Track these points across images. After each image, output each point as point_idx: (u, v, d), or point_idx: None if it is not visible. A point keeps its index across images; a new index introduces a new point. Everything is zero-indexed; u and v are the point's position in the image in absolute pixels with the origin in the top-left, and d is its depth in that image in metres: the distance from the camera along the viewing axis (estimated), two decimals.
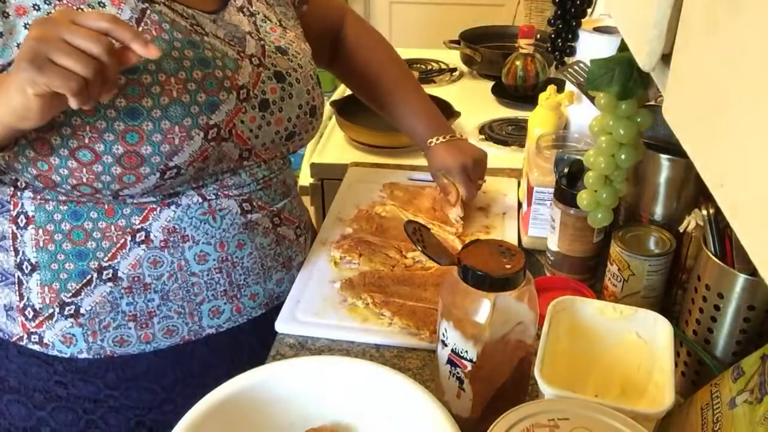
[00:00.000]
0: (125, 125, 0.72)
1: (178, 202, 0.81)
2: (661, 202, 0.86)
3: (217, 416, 0.64)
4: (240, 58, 0.81)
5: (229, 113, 0.79)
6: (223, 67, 0.79)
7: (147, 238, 0.80)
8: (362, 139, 1.43)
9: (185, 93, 0.75)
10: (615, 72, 0.74)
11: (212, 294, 0.84)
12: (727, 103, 0.30)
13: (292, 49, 0.90)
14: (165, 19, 0.76)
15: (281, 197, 0.90)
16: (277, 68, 0.85)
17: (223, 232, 0.83)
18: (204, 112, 0.76)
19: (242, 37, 0.84)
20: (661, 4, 0.38)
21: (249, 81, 0.81)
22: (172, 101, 0.74)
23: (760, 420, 0.54)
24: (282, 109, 0.85)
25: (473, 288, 0.63)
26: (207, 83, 0.77)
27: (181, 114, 0.75)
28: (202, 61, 0.77)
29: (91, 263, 0.79)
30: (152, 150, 0.74)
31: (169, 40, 0.76)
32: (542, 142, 1.02)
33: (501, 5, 2.85)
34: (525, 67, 1.61)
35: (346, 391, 0.68)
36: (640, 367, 0.69)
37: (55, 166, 0.73)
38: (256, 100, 0.82)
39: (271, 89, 0.84)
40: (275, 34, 0.90)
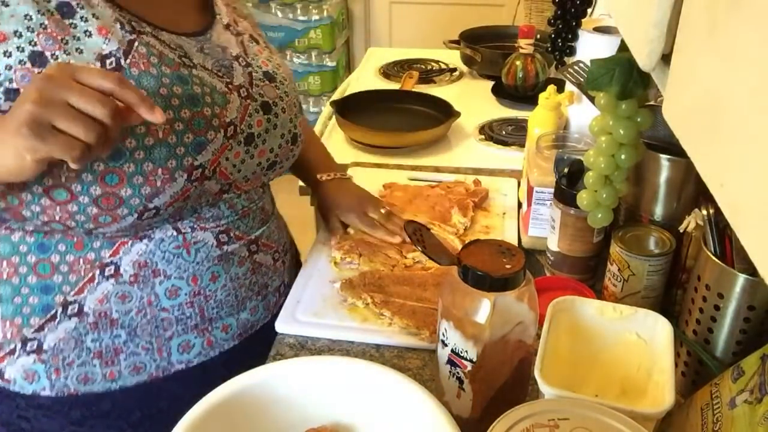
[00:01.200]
0: (105, 166, 0.68)
1: (152, 236, 0.77)
2: (661, 202, 0.86)
3: (217, 416, 0.64)
4: (228, 91, 0.78)
5: (215, 152, 0.76)
6: (211, 103, 0.76)
7: (116, 272, 0.76)
8: (362, 139, 1.42)
9: (172, 133, 0.71)
10: (615, 72, 0.74)
11: (182, 328, 0.81)
12: (727, 103, 0.30)
13: (280, 75, 0.87)
14: (153, 52, 0.72)
15: (260, 224, 0.87)
16: (264, 98, 0.83)
17: (196, 266, 0.80)
18: (190, 153, 0.73)
19: (230, 65, 0.81)
20: (661, 4, 0.38)
21: (237, 116, 0.78)
22: (157, 142, 0.70)
23: (760, 420, 0.54)
24: (266, 140, 0.83)
25: (473, 288, 0.63)
26: (195, 123, 0.73)
27: (166, 155, 0.71)
28: (190, 98, 0.73)
29: (57, 297, 0.76)
30: (132, 192, 0.70)
31: (157, 76, 0.72)
32: (542, 142, 1.02)
33: (501, 5, 2.85)
34: (525, 67, 1.61)
35: (346, 391, 0.68)
36: (640, 367, 0.69)
37: (26, 201, 0.70)
38: (243, 135, 0.79)
39: (257, 122, 0.81)
40: (262, 56, 0.87)
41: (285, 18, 2.88)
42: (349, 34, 3.20)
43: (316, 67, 2.96)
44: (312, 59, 2.94)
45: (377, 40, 3.17)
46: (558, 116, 1.11)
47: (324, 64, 2.96)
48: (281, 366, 0.70)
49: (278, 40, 2.93)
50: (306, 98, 3.03)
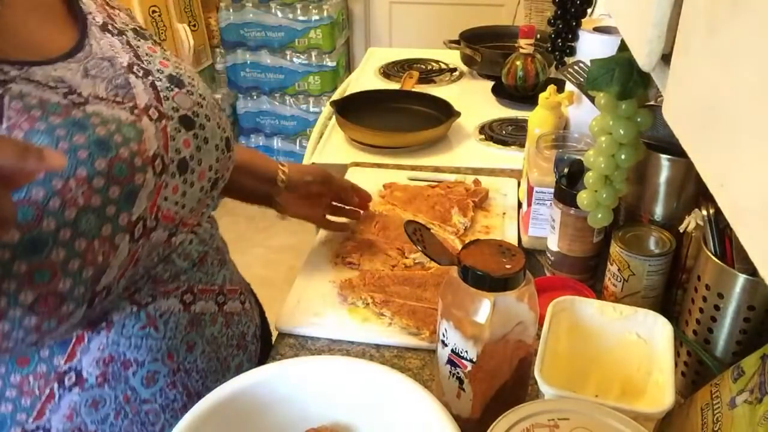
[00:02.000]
0: (27, 264, 0.55)
1: (110, 321, 0.65)
2: (661, 202, 0.86)
3: (217, 416, 0.64)
4: (136, 118, 0.63)
5: (150, 196, 0.63)
6: (124, 141, 0.61)
7: (79, 378, 0.64)
8: (362, 139, 1.42)
9: (93, 194, 0.58)
10: (615, 72, 0.74)
11: (171, 415, 0.71)
12: (727, 103, 0.30)
13: (185, 75, 0.73)
14: (31, 103, 0.57)
15: (219, 267, 0.78)
16: (179, 112, 0.68)
17: (168, 341, 0.70)
18: (122, 208, 0.60)
19: (125, 82, 0.66)
20: (661, 4, 0.38)
21: (158, 145, 0.64)
22: (81, 211, 0.57)
23: (760, 420, 0.54)
24: (201, 160, 0.70)
25: (473, 288, 0.63)
26: (115, 171, 0.59)
27: (96, 223, 0.58)
28: (98, 144, 0.59)
29: (12, 430, 0.63)
30: (72, 282, 0.58)
31: (48, 130, 0.56)
32: (542, 142, 1.02)
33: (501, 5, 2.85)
34: (525, 67, 1.61)
35: (346, 391, 0.68)
36: (640, 367, 0.69)
37: None
38: (174, 165, 0.66)
39: (184, 143, 0.67)
40: (157, 55, 0.72)
41: (285, 18, 2.88)
42: (349, 34, 3.20)
43: (316, 67, 2.96)
44: (312, 59, 2.95)
45: (377, 40, 3.17)
46: (558, 116, 1.11)
47: (324, 64, 2.96)
48: (281, 366, 0.70)
49: (278, 40, 2.93)
50: (306, 98, 3.03)
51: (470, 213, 1.09)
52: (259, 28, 2.91)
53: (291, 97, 3.04)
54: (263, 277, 2.63)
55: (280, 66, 2.98)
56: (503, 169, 1.29)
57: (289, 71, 2.98)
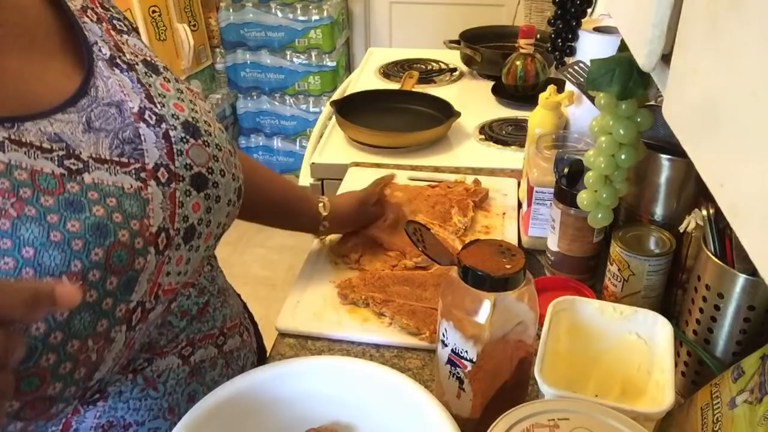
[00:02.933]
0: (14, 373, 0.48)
1: (106, 394, 0.61)
2: (661, 202, 0.86)
3: (217, 416, 0.64)
4: (142, 184, 0.56)
5: (150, 278, 0.57)
6: (125, 220, 0.54)
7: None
8: (362, 139, 1.42)
9: (89, 289, 0.52)
10: (615, 72, 0.74)
11: None
12: (727, 102, 0.30)
13: (201, 120, 0.65)
14: (21, 179, 0.50)
15: (219, 310, 0.72)
16: (193, 170, 0.61)
17: (169, 397, 0.66)
18: (120, 298, 0.54)
19: (134, 134, 0.58)
20: (661, 4, 0.38)
21: (164, 216, 0.57)
22: (74, 311, 0.51)
23: (760, 420, 0.54)
24: (210, 222, 0.64)
25: (473, 288, 0.63)
26: (114, 260, 0.53)
27: (92, 320, 0.53)
28: (95, 230, 0.52)
29: None
30: (63, 385, 0.54)
31: (38, 217, 0.49)
32: (542, 142, 1.02)
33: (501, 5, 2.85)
34: (525, 67, 1.61)
35: (346, 391, 0.68)
36: (640, 367, 0.69)
37: None
38: (180, 236, 0.59)
39: (193, 207, 0.61)
40: (170, 95, 0.64)
41: (285, 18, 2.88)
42: (349, 34, 3.20)
43: (316, 67, 2.96)
44: (312, 59, 2.94)
45: (377, 40, 3.17)
46: (558, 116, 1.11)
47: (324, 64, 2.96)
48: (281, 366, 0.70)
49: (278, 40, 2.93)
50: (306, 98, 3.03)
51: (470, 213, 1.09)
52: (259, 28, 2.91)
53: (291, 97, 3.03)
54: (263, 277, 2.64)
55: (280, 66, 2.98)
56: (503, 169, 1.29)
57: (289, 71, 2.98)
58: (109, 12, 0.67)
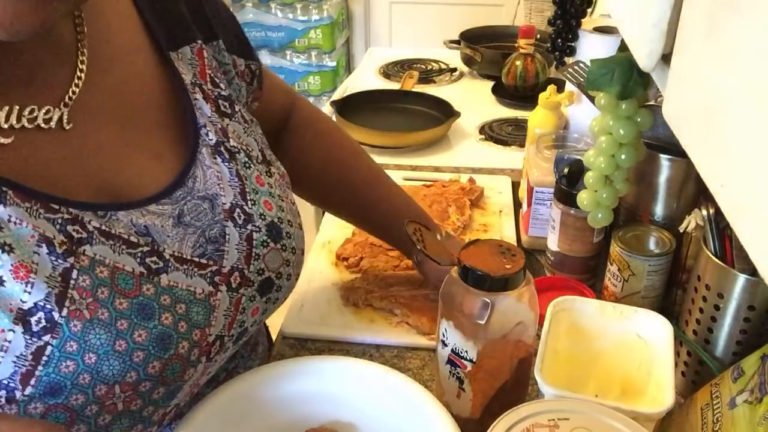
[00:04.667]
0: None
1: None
2: (661, 202, 0.86)
3: (217, 416, 0.64)
4: (213, 291, 0.55)
5: (194, 385, 0.57)
6: (188, 331, 0.53)
7: None
8: (362, 139, 1.42)
9: (136, 398, 0.51)
10: (615, 72, 0.74)
11: None
12: (728, 103, 0.30)
13: (285, 220, 0.62)
14: (101, 276, 0.48)
15: (246, 357, 0.72)
16: (263, 275, 0.60)
17: None
18: (161, 405, 0.54)
19: (220, 234, 0.56)
20: (661, 4, 0.38)
21: (225, 324, 0.56)
22: (116, 415, 0.50)
23: (760, 420, 0.54)
24: (260, 322, 0.63)
25: (473, 288, 0.63)
26: (168, 372, 0.52)
27: (130, 424, 0.52)
28: (160, 341, 0.51)
29: None
30: None
31: (109, 322, 0.48)
32: (542, 142, 1.02)
33: (501, 5, 2.85)
34: (525, 67, 1.61)
35: (346, 391, 0.68)
36: (640, 367, 0.69)
37: None
38: (231, 341, 0.59)
39: (252, 312, 0.60)
40: (263, 190, 0.61)
41: (285, 18, 2.88)
42: (349, 34, 3.20)
43: (316, 67, 2.96)
44: (312, 59, 2.94)
45: (377, 40, 3.17)
46: (558, 116, 1.11)
47: (324, 64, 2.96)
48: (281, 366, 0.70)
49: (278, 40, 2.93)
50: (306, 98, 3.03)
51: (467, 211, 1.09)
52: (259, 28, 2.91)
53: None
54: None
55: (280, 66, 2.98)
56: (503, 169, 1.29)
57: (289, 71, 2.98)
58: (217, 90, 0.61)
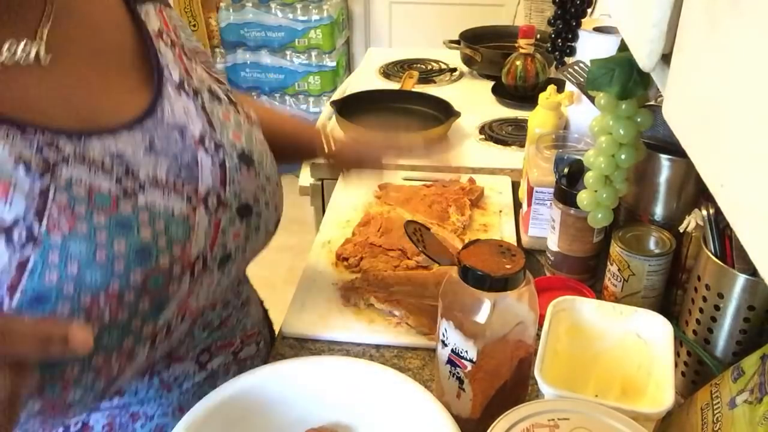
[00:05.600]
0: (40, 379, 0.52)
1: (122, 391, 0.64)
2: (661, 202, 0.86)
3: (217, 416, 0.64)
4: (192, 210, 0.57)
5: (180, 302, 0.58)
6: (168, 245, 0.55)
7: (84, 427, 0.62)
8: None
9: (121, 310, 0.53)
10: (615, 72, 0.74)
11: None
12: (728, 103, 0.30)
13: (256, 151, 0.66)
14: (78, 195, 0.51)
15: (243, 318, 0.75)
16: (240, 199, 0.62)
17: (181, 396, 0.68)
18: (149, 319, 0.56)
19: (193, 161, 0.59)
20: (661, 4, 0.38)
21: (205, 243, 0.59)
22: (104, 328, 0.53)
23: (760, 420, 0.54)
24: (246, 249, 0.65)
25: (473, 288, 0.63)
26: (150, 283, 0.54)
27: (119, 337, 0.54)
28: (140, 253, 0.53)
29: None
30: (82, 393, 0.56)
31: (88, 234, 0.51)
32: (542, 142, 1.02)
33: (501, 5, 2.85)
34: (525, 67, 1.61)
35: (346, 391, 0.68)
36: (640, 367, 0.69)
37: None
38: (215, 262, 0.61)
39: (233, 236, 0.62)
40: (230, 124, 0.65)
41: (285, 18, 2.88)
42: (349, 34, 3.20)
43: (316, 67, 2.96)
44: (312, 59, 2.94)
45: (377, 40, 3.17)
46: (558, 116, 1.11)
47: (324, 64, 2.96)
48: (281, 366, 0.70)
49: (278, 40, 2.93)
50: (306, 98, 3.03)
51: (468, 211, 1.09)
52: (259, 28, 2.91)
53: (291, 97, 3.03)
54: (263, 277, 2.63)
55: (280, 66, 2.98)
56: (503, 169, 1.29)
57: (289, 71, 2.98)
58: (180, 40, 0.68)
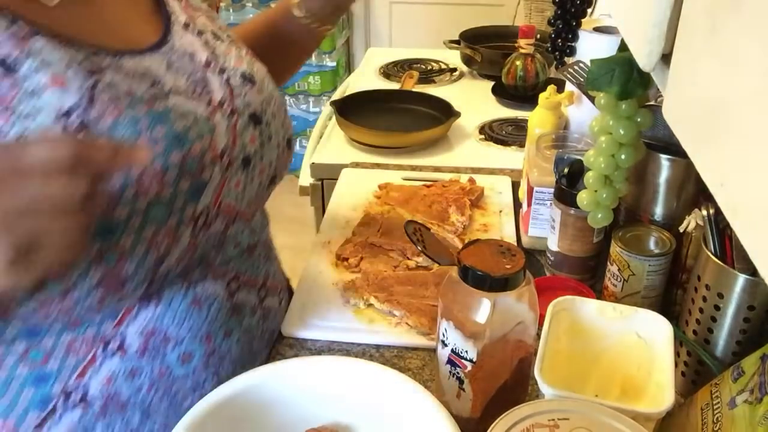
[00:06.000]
0: (99, 246, 0.59)
1: (160, 296, 0.68)
2: (661, 202, 0.86)
3: (217, 416, 0.64)
4: (211, 114, 0.68)
5: (216, 190, 0.67)
6: (199, 135, 0.65)
7: (122, 346, 0.67)
8: (362, 139, 1.42)
9: (165, 187, 0.61)
10: (615, 72, 0.74)
11: (199, 395, 0.71)
12: (727, 103, 0.30)
13: (258, 74, 0.77)
14: (119, 92, 0.61)
15: (264, 261, 0.81)
16: (250, 109, 0.73)
17: (209, 324, 0.72)
18: (189, 201, 0.64)
19: (203, 77, 0.70)
20: (661, 4, 0.38)
21: (227, 141, 0.69)
22: (151, 202, 0.60)
23: (760, 420, 0.54)
24: (263, 156, 0.74)
25: (473, 288, 0.63)
26: (188, 165, 0.63)
27: (164, 213, 0.62)
28: (176, 139, 0.63)
29: (55, 387, 0.65)
30: (135, 266, 0.62)
31: (132, 122, 0.60)
32: (542, 142, 1.02)
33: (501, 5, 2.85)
34: (525, 67, 1.61)
35: (346, 391, 0.68)
36: (640, 367, 0.69)
37: (17, 299, 0.60)
38: (238, 161, 0.70)
39: (250, 139, 0.72)
40: (231, 56, 0.76)
41: None
42: (349, 34, 3.20)
43: (316, 67, 2.96)
44: (312, 59, 2.94)
45: (377, 40, 3.17)
46: (558, 116, 1.11)
47: (324, 64, 2.95)
48: (281, 366, 0.70)
49: None
50: (306, 98, 3.03)
51: (468, 211, 1.09)
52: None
53: (291, 97, 3.03)
54: None
55: None
56: (503, 169, 1.29)
57: None
58: None
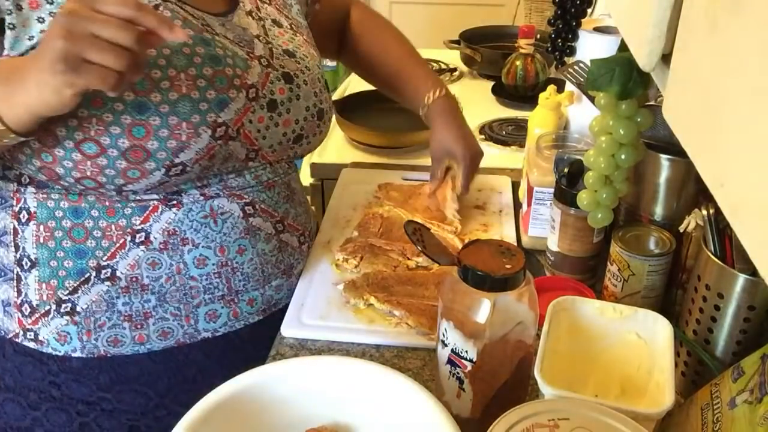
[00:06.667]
0: (132, 119, 0.72)
1: (181, 202, 0.80)
2: (661, 202, 0.86)
3: (217, 416, 0.64)
4: (249, 58, 0.82)
5: (238, 112, 0.79)
6: (233, 65, 0.79)
7: (147, 239, 0.80)
8: (362, 139, 1.43)
9: (195, 89, 0.75)
10: (615, 72, 0.74)
11: (209, 297, 0.84)
12: (727, 102, 0.30)
13: (300, 53, 0.90)
14: (177, 15, 0.77)
15: (284, 200, 0.90)
16: (285, 69, 0.86)
17: (224, 236, 0.83)
18: (213, 109, 0.77)
19: (250, 40, 0.84)
20: (661, 4, 0.38)
21: (258, 80, 0.82)
22: (181, 97, 0.74)
23: (760, 420, 0.54)
24: (290, 110, 0.85)
25: (473, 288, 0.63)
26: (217, 80, 0.77)
27: (190, 110, 0.75)
28: (212, 58, 0.78)
29: (90, 261, 0.79)
30: (158, 145, 0.73)
31: (182, 49, 0.76)
32: (542, 142, 1.02)
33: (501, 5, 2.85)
34: (525, 67, 1.61)
35: (346, 391, 0.68)
36: (640, 367, 0.69)
37: (59, 157, 0.72)
38: (265, 100, 0.82)
39: (279, 90, 0.84)
40: (283, 37, 0.90)
41: None
42: None
43: None
44: None
45: None
46: (558, 116, 1.11)
47: (324, 64, 2.95)
48: (281, 366, 0.70)
49: None
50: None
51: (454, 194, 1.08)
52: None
53: None
54: None
55: None
56: (503, 169, 1.29)
57: None
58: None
